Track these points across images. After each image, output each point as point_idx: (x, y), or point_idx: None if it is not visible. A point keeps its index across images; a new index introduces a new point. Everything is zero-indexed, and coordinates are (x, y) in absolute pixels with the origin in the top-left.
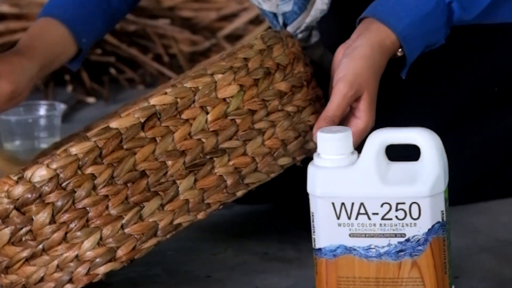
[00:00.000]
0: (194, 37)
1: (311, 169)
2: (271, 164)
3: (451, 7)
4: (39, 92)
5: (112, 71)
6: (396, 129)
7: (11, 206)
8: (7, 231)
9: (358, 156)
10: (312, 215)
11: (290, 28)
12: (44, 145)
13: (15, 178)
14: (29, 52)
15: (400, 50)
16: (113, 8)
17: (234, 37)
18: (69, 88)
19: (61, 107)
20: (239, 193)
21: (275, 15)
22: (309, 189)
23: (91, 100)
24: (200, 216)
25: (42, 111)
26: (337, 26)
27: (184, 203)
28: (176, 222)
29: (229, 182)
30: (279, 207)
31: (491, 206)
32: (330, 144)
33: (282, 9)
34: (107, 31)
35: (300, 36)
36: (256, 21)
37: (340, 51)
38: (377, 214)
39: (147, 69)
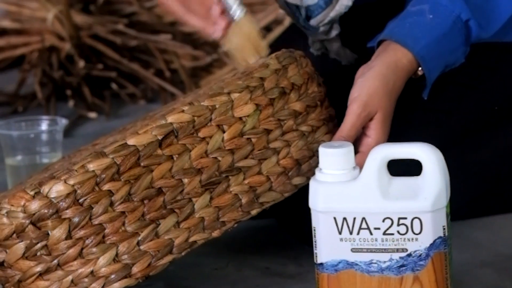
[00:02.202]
0: (195, 52)
1: (313, 184)
2: (285, 184)
3: (468, 25)
4: (40, 107)
5: (114, 86)
6: (398, 144)
7: (27, 221)
8: (22, 245)
9: (360, 171)
10: (314, 230)
11: (313, 21)
12: (46, 160)
13: (32, 193)
14: None
15: (420, 69)
16: None
17: None
18: (71, 103)
19: (63, 122)
20: (254, 212)
21: (297, 7)
22: (311, 204)
23: (92, 115)
24: (215, 234)
25: (44, 126)
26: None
27: (199, 221)
28: (191, 239)
29: (244, 200)
30: (281, 222)
31: (492, 221)
32: (332, 159)
33: (306, 2)
34: None
35: (322, 29)
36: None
37: (360, 72)
38: (378, 229)
39: (149, 84)
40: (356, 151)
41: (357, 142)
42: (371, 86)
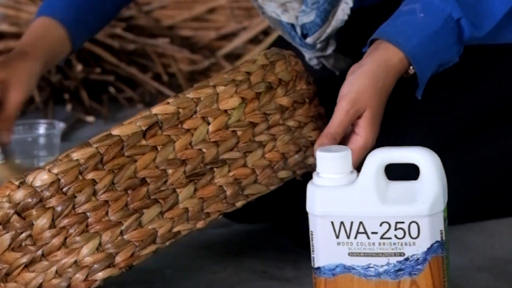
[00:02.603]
0: (193, 56)
1: (310, 188)
2: (271, 177)
3: (460, 24)
4: (38, 110)
5: (111, 90)
6: (395, 148)
7: (12, 211)
8: (7, 236)
9: (357, 175)
10: (311, 234)
11: (310, 39)
12: (43, 164)
13: (17, 183)
14: (34, 52)
15: (411, 68)
16: (108, 12)
17: (233, 56)
18: (69, 107)
19: (61, 125)
20: (239, 204)
21: (293, 26)
22: (308, 208)
23: (90, 119)
24: (199, 225)
25: (42, 129)
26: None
27: (183, 212)
28: (175, 229)
29: (228, 192)
30: (279, 226)
31: (490, 225)
32: (329, 163)
33: (302, 20)
34: (96, 34)
35: (318, 46)
36: (256, 40)
37: (351, 70)
38: (376, 233)
39: (146, 88)
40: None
41: (346, 139)
42: (361, 84)
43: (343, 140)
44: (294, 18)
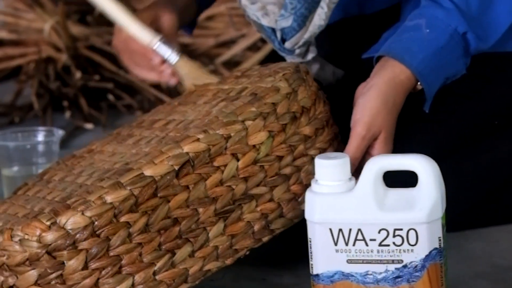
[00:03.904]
0: None
1: (308, 195)
2: (295, 209)
3: (466, 37)
4: (37, 118)
5: (110, 97)
6: (394, 155)
7: (43, 251)
8: (34, 272)
9: (356, 182)
10: (310, 241)
11: (288, 44)
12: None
13: (48, 223)
14: (172, 7)
15: (418, 83)
16: None
17: (232, 64)
18: (67, 114)
19: (59, 133)
20: (265, 239)
21: (273, 30)
22: (307, 215)
23: (89, 126)
24: (228, 261)
25: (40, 137)
26: (328, 38)
27: (213, 250)
28: (205, 268)
29: (256, 228)
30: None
31: (488, 232)
32: (328, 170)
33: (280, 25)
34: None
35: (297, 51)
36: (254, 47)
37: (359, 90)
38: (374, 240)
39: (145, 95)
40: (360, 170)
41: (361, 161)
42: (373, 107)
43: (359, 162)
44: (274, 22)
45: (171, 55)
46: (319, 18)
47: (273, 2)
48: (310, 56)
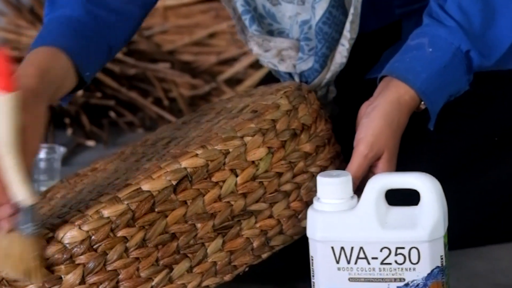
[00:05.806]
0: (194, 81)
1: (310, 213)
2: (295, 226)
3: (469, 56)
4: None
5: (112, 114)
6: (396, 174)
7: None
8: (33, 287)
9: (358, 201)
10: (312, 259)
11: (310, 87)
12: (43, 188)
13: (45, 237)
14: (40, 91)
15: (422, 103)
16: (111, 44)
17: (234, 81)
18: (69, 131)
19: (61, 150)
20: (264, 256)
21: (290, 75)
22: (309, 233)
23: (90, 143)
24: (227, 278)
25: (42, 154)
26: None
27: (211, 266)
28: (204, 284)
29: (255, 244)
30: (279, 250)
31: (490, 250)
32: (330, 188)
33: (300, 68)
34: (102, 67)
35: (319, 93)
36: (256, 65)
37: (363, 109)
38: (376, 258)
39: (147, 113)
40: (362, 188)
41: (363, 180)
42: (377, 127)
43: (361, 181)
44: (292, 67)
45: (27, 227)
46: (341, 56)
47: (289, 47)
48: (331, 96)
